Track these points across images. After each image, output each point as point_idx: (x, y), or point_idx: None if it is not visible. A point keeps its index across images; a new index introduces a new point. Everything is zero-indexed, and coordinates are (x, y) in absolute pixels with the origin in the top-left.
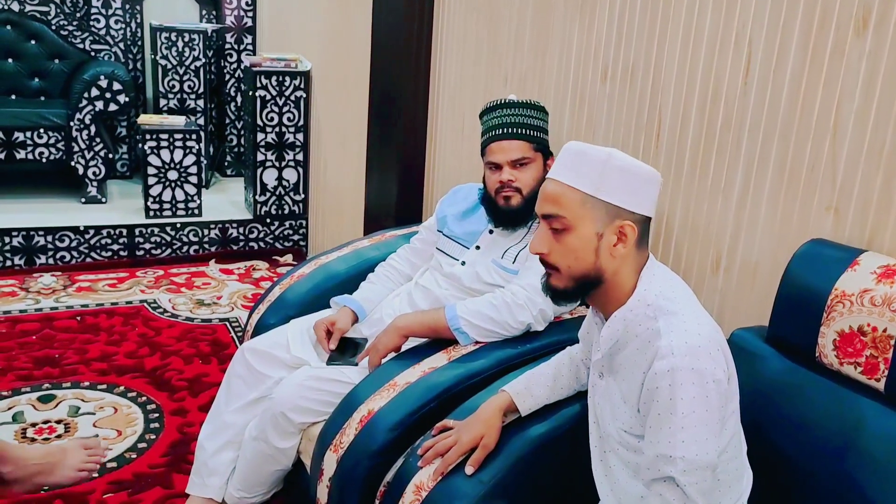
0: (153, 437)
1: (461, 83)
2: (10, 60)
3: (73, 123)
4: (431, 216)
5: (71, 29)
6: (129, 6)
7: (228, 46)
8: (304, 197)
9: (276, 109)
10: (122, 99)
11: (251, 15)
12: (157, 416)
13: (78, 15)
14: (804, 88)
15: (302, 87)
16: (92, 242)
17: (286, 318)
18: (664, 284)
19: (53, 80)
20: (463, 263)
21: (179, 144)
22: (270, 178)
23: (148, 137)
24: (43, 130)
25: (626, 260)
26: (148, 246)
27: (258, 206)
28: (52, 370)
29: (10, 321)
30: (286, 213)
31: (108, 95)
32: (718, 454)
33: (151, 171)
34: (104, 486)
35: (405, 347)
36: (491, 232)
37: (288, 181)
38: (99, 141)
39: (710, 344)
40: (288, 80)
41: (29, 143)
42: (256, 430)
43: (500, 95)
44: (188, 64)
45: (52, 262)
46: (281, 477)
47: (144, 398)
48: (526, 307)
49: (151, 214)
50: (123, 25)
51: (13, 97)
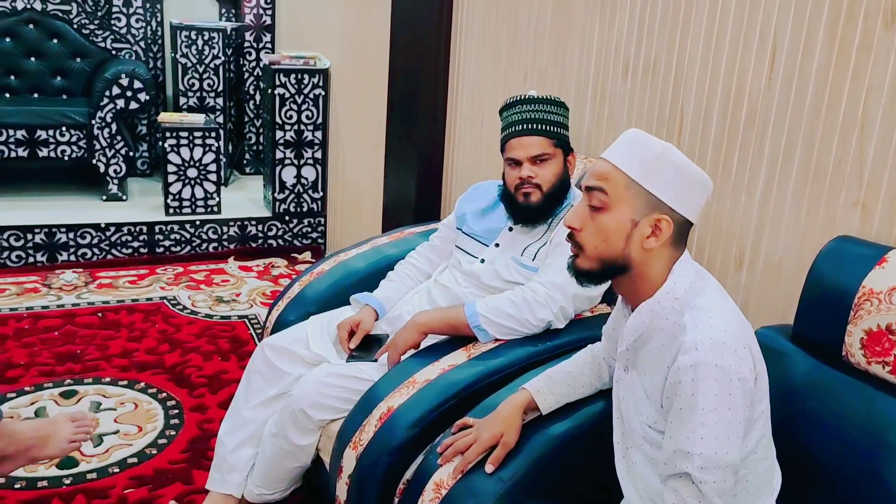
0: (173, 433)
1: (480, 79)
2: (32, 59)
3: (94, 122)
4: (451, 214)
5: (92, 28)
6: (149, 5)
7: (247, 44)
8: (322, 195)
9: (294, 107)
10: (142, 97)
11: (270, 13)
12: (176, 412)
13: (99, 14)
14: (831, 83)
15: (321, 84)
16: (113, 240)
17: (306, 314)
18: (696, 280)
19: (75, 78)
20: (482, 261)
21: (199, 142)
22: (289, 175)
23: (168, 135)
24: (65, 129)
25: (657, 254)
26: (168, 243)
27: (277, 203)
28: (73, 366)
29: (32, 317)
30: (305, 210)
31: (128, 94)
32: (743, 456)
33: (171, 168)
34: (125, 481)
35: (424, 344)
36: (510, 229)
37: (307, 179)
38: (120, 139)
39: (736, 341)
40: (307, 77)
41: (51, 141)
42: (276, 426)
43: (519, 92)
44: (207, 62)
45: (73, 259)
46: (300, 474)
47: (164, 394)
48: (546, 304)
49: (171, 212)
50: (144, 24)
51: (36, 96)
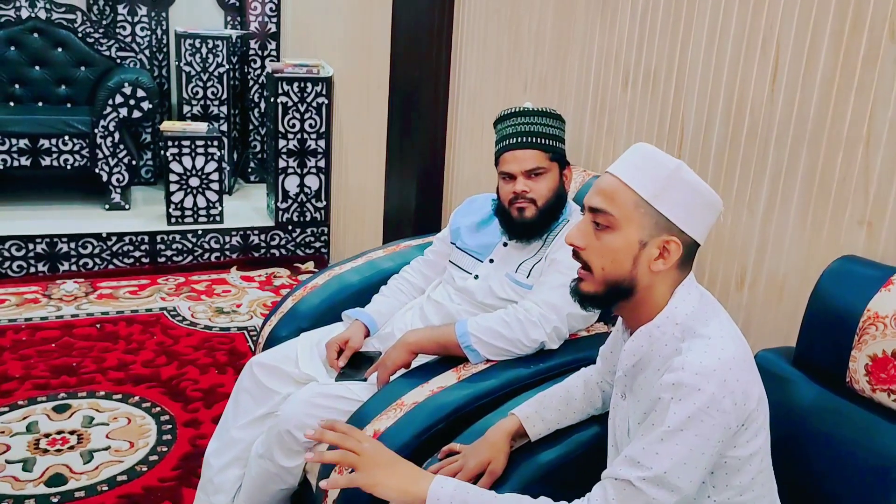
0: (165, 449)
1: (481, 89)
2: (37, 68)
3: (97, 130)
4: (446, 227)
5: (97, 36)
6: (154, 13)
7: (252, 52)
8: (325, 204)
9: (297, 116)
10: (145, 106)
11: (275, 21)
12: (170, 427)
13: (104, 22)
14: (835, 94)
15: (324, 93)
16: (114, 249)
17: (298, 330)
18: (699, 305)
19: (80, 87)
20: (476, 277)
21: (201, 151)
22: (292, 184)
23: (170, 144)
24: (68, 137)
25: (663, 276)
26: (169, 253)
27: (280, 212)
28: (69, 379)
29: (31, 328)
30: (308, 220)
31: (131, 102)
32: (693, 490)
33: (173, 177)
34: (113, 500)
35: (415, 364)
36: (505, 245)
37: (310, 188)
38: (123, 148)
39: (727, 371)
40: (310, 86)
41: (54, 149)
42: (262, 447)
43: (520, 102)
44: (211, 70)
45: (74, 268)
46: (287, 496)
47: (159, 409)
48: (539, 324)
49: (173, 221)
50: (149, 32)
51: (40, 104)
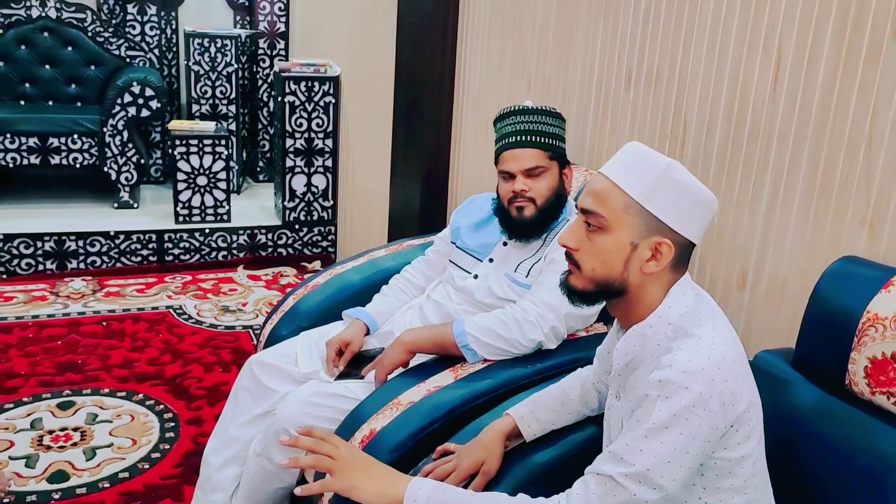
0: (167, 447)
1: (485, 88)
2: (47, 67)
3: (106, 129)
4: (447, 227)
5: (107, 35)
6: (164, 13)
7: (261, 52)
8: (332, 203)
9: (305, 115)
10: (154, 104)
11: (284, 20)
12: (172, 424)
13: (114, 22)
14: (837, 94)
15: (331, 92)
16: (122, 247)
17: (299, 329)
18: (693, 306)
19: (90, 86)
20: (476, 277)
21: (209, 150)
22: (299, 184)
23: (178, 143)
24: (77, 136)
25: (656, 277)
26: (177, 251)
27: (287, 212)
28: (74, 376)
29: (37, 326)
30: (315, 219)
31: (140, 101)
32: (677, 489)
33: (181, 176)
34: (114, 497)
35: (413, 363)
36: (505, 244)
37: (317, 187)
38: (131, 146)
39: (717, 371)
40: (317, 85)
41: (63, 148)
42: (260, 446)
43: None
44: (220, 69)
45: (82, 266)
46: (285, 494)
47: (162, 406)
48: (537, 324)
49: (181, 220)
50: (158, 32)
51: (50, 103)
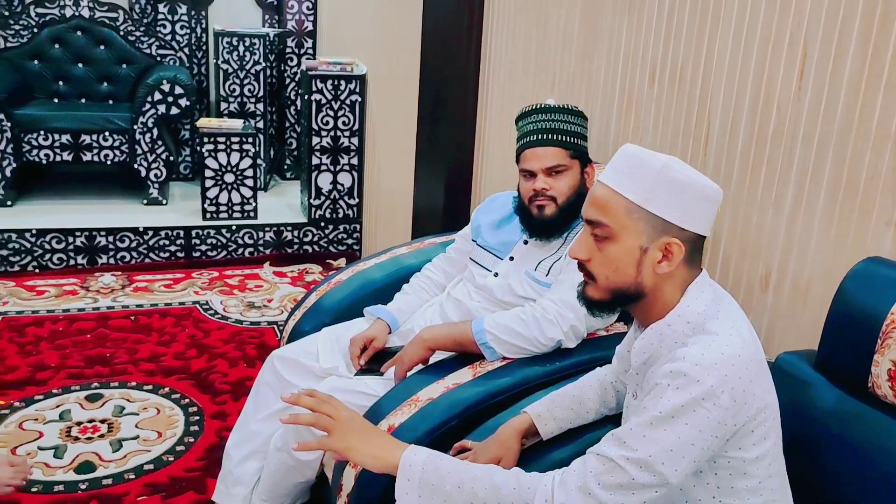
0: (192, 440)
1: (509, 86)
2: (80, 65)
3: (136, 127)
4: (468, 225)
5: (138, 35)
6: (194, 12)
7: (289, 50)
8: (358, 201)
9: (331, 113)
10: (183, 102)
11: (312, 19)
12: (197, 418)
13: (145, 21)
14: (863, 92)
15: (357, 91)
16: (151, 243)
17: (321, 325)
18: (711, 304)
19: (121, 84)
20: (496, 275)
21: (236, 147)
22: (325, 181)
23: (206, 140)
24: (108, 133)
25: (671, 277)
26: (204, 248)
27: (313, 209)
28: (102, 369)
29: (68, 319)
30: (340, 216)
31: (170, 99)
32: (679, 481)
33: (209, 173)
34: (139, 488)
35: (433, 360)
36: (525, 243)
37: (342, 185)
38: (161, 144)
39: (730, 367)
40: (343, 83)
41: (95, 145)
42: (280, 441)
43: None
44: (248, 68)
45: (112, 262)
46: (306, 489)
47: (187, 400)
48: (556, 323)
49: (208, 217)
50: (189, 31)
51: (83, 101)
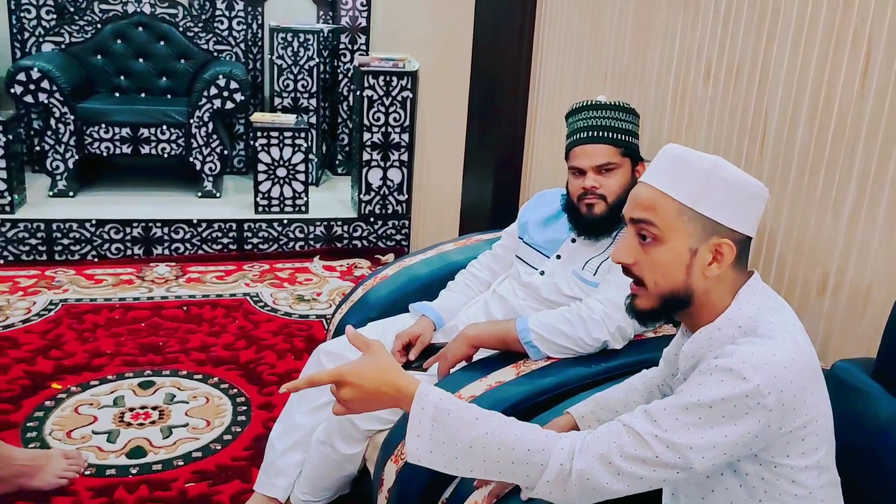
0: (239, 429)
1: (561, 82)
2: (141, 60)
3: (192, 121)
4: (514, 222)
5: (196, 30)
6: (250, 8)
7: (343, 46)
8: (407, 197)
9: (382, 109)
10: (238, 97)
11: (365, 15)
12: (245, 409)
13: (203, 17)
14: None
15: (409, 87)
16: (204, 235)
17: (367, 319)
18: (763, 308)
19: (179, 79)
20: (542, 273)
21: (289, 142)
22: (375, 177)
23: (260, 135)
24: (166, 127)
25: (720, 280)
26: (256, 240)
27: (363, 204)
28: (155, 357)
29: (124, 308)
30: (389, 212)
31: (225, 94)
32: (704, 469)
33: (262, 167)
34: (187, 475)
35: (476, 357)
36: (573, 241)
37: (392, 181)
38: (216, 138)
39: (779, 369)
40: (395, 80)
41: (153, 138)
42: (323, 434)
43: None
44: (302, 63)
45: (167, 252)
46: (347, 482)
47: (235, 390)
48: (602, 323)
49: (260, 210)
50: (245, 27)
51: (142, 95)
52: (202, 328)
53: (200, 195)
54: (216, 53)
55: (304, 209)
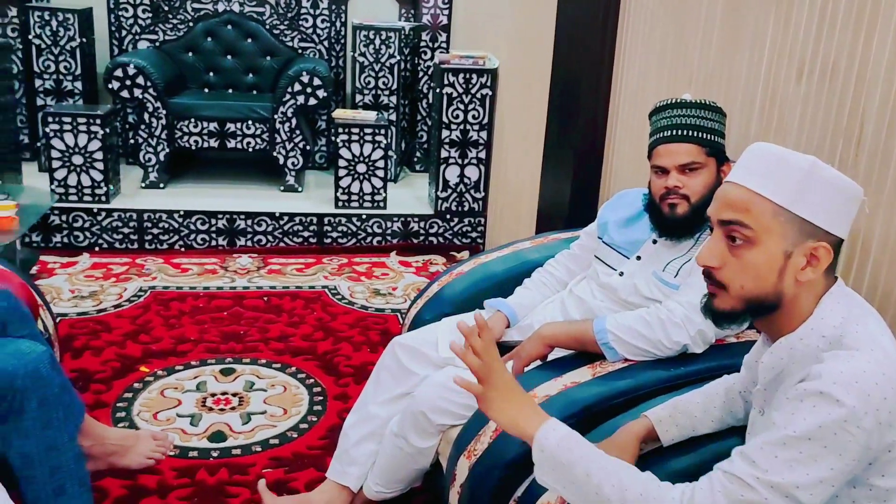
0: (314, 419)
1: (644, 81)
2: (229, 57)
3: (276, 116)
4: (594, 221)
5: (282, 28)
6: (334, 6)
7: (424, 44)
8: (484, 195)
9: (461, 107)
10: (321, 94)
11: (447, 13)
12: (321, 399)
13: (289, 15)
14: None
15: (488, 84)
16: (285, 228)
17: (441, 314)
18: (849, 316)
19: (265, 75)
20: (621, 274)
21: (369, 139)
22: (453, 174)
23: (341, 131)
24: (251, 122)
25: (810, 286)
26: (335, 234)
27: (439, 201)
28: (236, 345)
29: (208, 296)
30: (466, 210)
31: (308, 90)
32: None
33: (342, 163)
34: (265, 460)
35: (551, 357)
36: (654, 242)
37: (469, 178)
38: (299, 133)
39: (872, 385)
40: (475, 77)
41: (239, 133)
42: (397, 426)
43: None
44: (384, 61)
45: (250, 244)
46: (419, 475)
47: (312, 380)
48: (682, 326)
49: (340, 205)
50: (329, 24)
51: (230, 91)
52: (281, 318)
53: (283, 189)
54: (300, 51)
55: (382, 205)
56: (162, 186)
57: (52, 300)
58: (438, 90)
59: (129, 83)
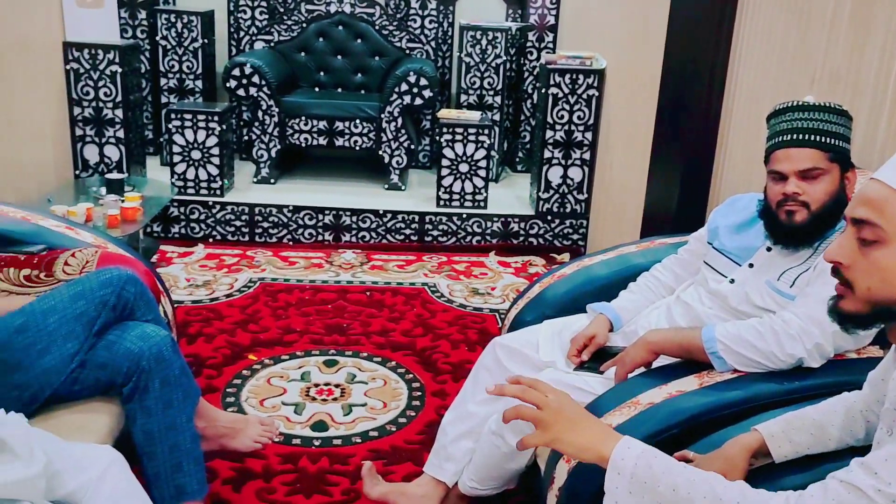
0: (413, 413)
1: (761, 83)
2: (339, 57)
3: (383, 115)
4: (704, 226)
5: (391, 29)
6: (442, 7)
7: (530, 44)
8: (587, 197)
9: (566, 107)
10: (427, 94)
11: (554, 13)
12: (419, 394)
13: (398, 16)
14: None
15: (595, 85)
16: (388, 225)
17: (542, 316)
18: None
19: (373, 75)
20: (732, 281)
21: (472, 139)
22: (555, 175)
23: (445, 131)
24: (359, 121)
25: None
26: (436, 233)
27: (541, 202)
28: (339, 338)
29: (313, 289)
30: (567, 211)
31: (415, 90)
32: None
33: (445, 162)
34: (364, 452)
35: (656, 365)
36: (769, 249)
37: (572, 179)
38: (404, 132)
39: None
40: (581, 78)
41: (346, 132)
42: (495, 425)
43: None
44: (489, 61)
45: (354, 240)
46: (515, 475)
47: (411, 375)
48: (798, 339)
49: (442, 204)
50: (436, 25)
51: (339, 90)
52: (383, 313)
53: (387, 187)
54: (408, 51)
55: (483, 205)
56: (273, 182)
57: (169, 287)
58: (544, 90)
59: (245, 82)
